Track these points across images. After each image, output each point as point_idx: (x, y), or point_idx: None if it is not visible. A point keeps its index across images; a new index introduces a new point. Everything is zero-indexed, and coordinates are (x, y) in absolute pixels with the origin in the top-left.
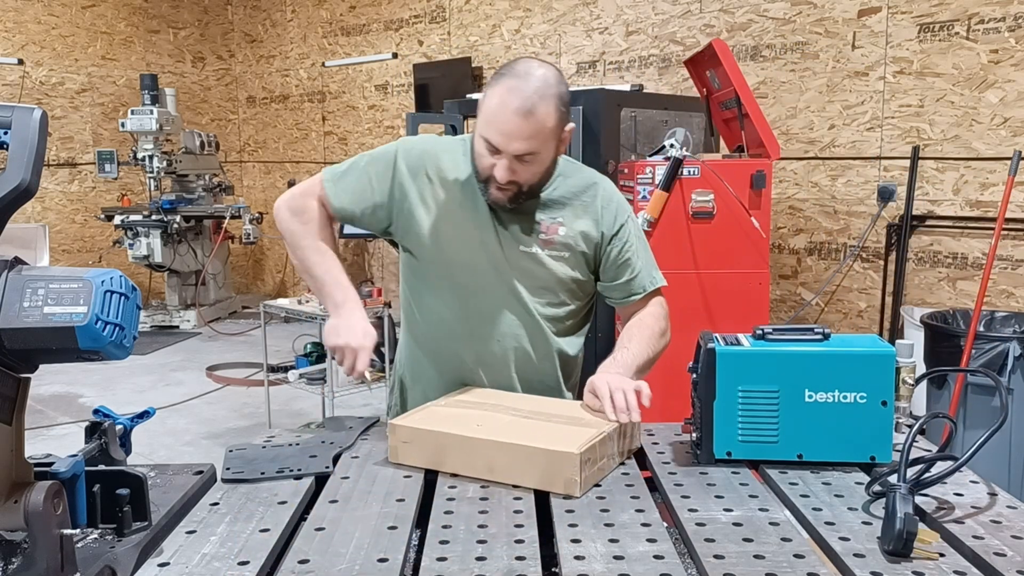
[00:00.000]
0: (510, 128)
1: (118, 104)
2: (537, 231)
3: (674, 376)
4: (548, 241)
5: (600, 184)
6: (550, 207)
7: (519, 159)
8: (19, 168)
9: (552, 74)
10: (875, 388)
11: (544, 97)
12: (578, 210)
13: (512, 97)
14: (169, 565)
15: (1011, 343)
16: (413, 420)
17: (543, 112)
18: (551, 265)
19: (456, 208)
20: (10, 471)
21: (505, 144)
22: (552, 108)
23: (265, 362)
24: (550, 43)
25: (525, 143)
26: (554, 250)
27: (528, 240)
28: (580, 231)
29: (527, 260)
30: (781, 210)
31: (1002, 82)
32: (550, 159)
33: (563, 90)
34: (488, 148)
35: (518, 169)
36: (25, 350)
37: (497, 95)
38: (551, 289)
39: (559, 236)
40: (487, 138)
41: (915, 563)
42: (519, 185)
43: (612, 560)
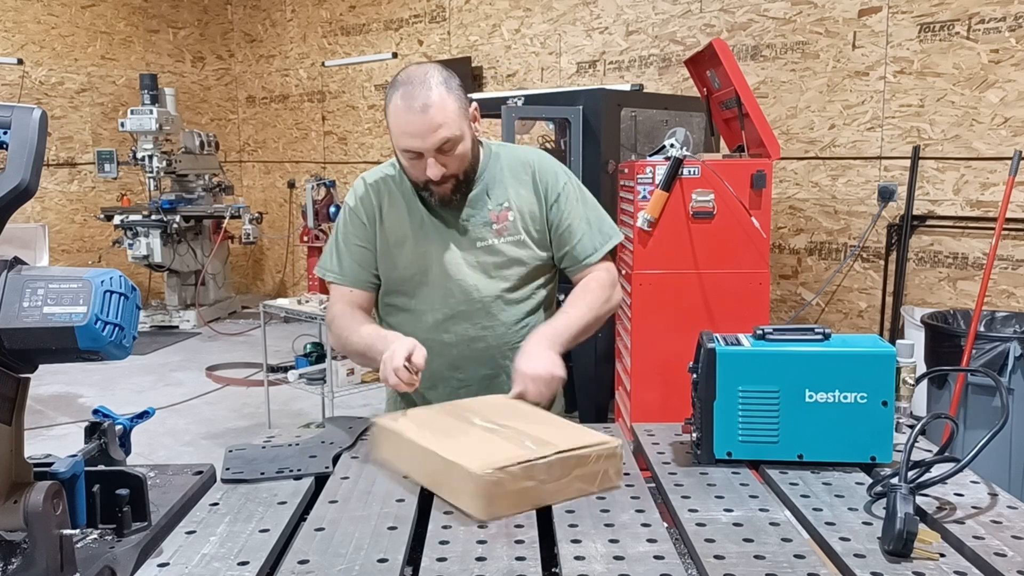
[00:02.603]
0: (417, 128)
1: (118, 104)
2: (488, 222)
3: (674, 376)
4: (501, 229)
5: (534, 157)
6: (494, 193)
7: (441, 152)
8: (19, 168)
9: (434, 68)
10: (875, 388)
11: (433, 88)
12: (520, 189)
13: (407, 102)
14: (169, 565)
15: (1011, 343)
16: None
17: (439, 101)
18: (507, 250)
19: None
20: (10, 471)
21: (421, 143)
22: (444, 92)
23: (265, 362)
24: (550, 43)
25: (436, 134)
26: (509, 235)
27: (483, 233)
28: (528, 211)
29: (486, 253)
30: (781, 210)
31: (1002, 82)
32: (469, 141)
33: (447, 75)
34: (411, 157)
35: (446, 161)
36: (25, 350)
37: (395, 108)
38: (511, 276)
39: (510, 220)
40: (405, 148)
41: (915, 563)
42: (455, 176)
43: (612, 560)
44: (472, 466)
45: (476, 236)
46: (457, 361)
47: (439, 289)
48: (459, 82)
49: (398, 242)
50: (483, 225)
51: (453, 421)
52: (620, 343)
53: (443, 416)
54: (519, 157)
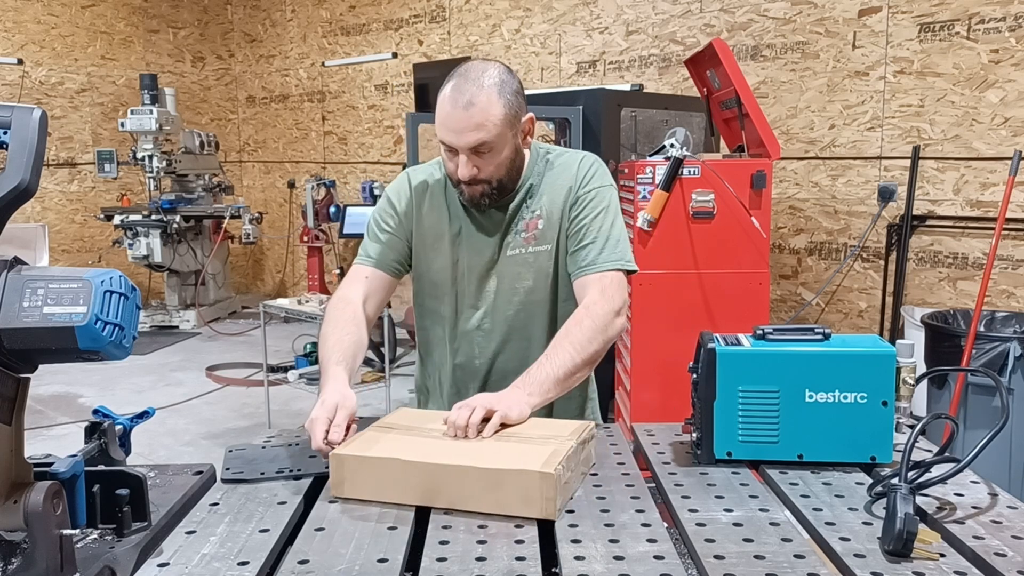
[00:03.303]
0: (456, 123)
1: (118, 104)
2: (519, 231)
3: (674, 376)
4: (529, 238)
5: (578, 159)
6: (531, 203)
7: (476, 153)
8: (19, 168)
9: (495, 68)
10: (875, 388)
11: (484, 88)
12: (555, 196)
13: (454, 95)
14: (169, 565)
15: (1011, 343)
16: (357, 448)
17: (484, 102)
18: (534, 260)
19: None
20: (10, 471)
21: (456, 140)
22: (494, 97)
23: (265, 362)
24: (550, 43)
25: (473, 134)
26: (537, 245)
27: (512, 242)
28: (557, 216)
29: (513, 263)
30: (781, 210)
31: (1002, 82)
32: (510, 151)
33: (507, 79)
34: (448, 150)
35: (478, 164)
36: (25, 350)
37: (443, 99)
38: (539, 288)
39: (539, 229)
40: (443, 140)
41: (915, 563)
42: (487, 181)
43: (612, 560)
44: (534, 467)
45: (508, 244)
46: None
47: (468, 296)
48: (517, 88)
49: (434, 244)
50: (515, 234)
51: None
52: (620, 343)
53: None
54: (562, 162)
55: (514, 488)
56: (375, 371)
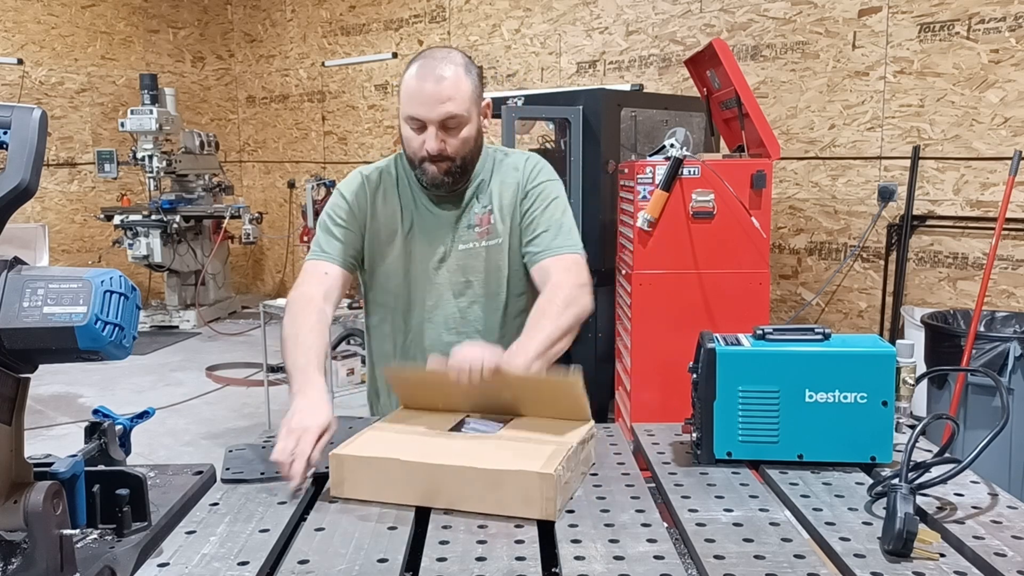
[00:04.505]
0: (427, 96)
1: (118, 104)
2: (472, 224)
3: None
4: (483, 232)
5: (526, 158)
6: (482, 197)
7: (445, 128)
8: (19, 168)
9: (456, 51)
10: (875, 388)
11: (452, 64)
12: (504, 191)
13: (423, 71)
14: (169, 565)
15: (1011, 343)
16: (357, 448)
17: (454, 75)
18: (490, 256)
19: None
20: (10, 471)
21: (428, 112)
22: (463, 73)
23: (265, 362)
24: (550, 43)
25: (444, 107)
26: (490, 239)
27: (467, 235)
28: (509, 211)
29: (467, 257)
30: (781, 210)
31: (1002, 82)
32: (475, 128)
33: (470, 62)
34: (415, 126)
35: (446, 138)
36: (25, 350)
37: (411, 76)
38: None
39: (491, 224)
40: (411, 115)
41: (915, 563)
42: (451, 159)
43: (612, 560)
44: (534, 467)
45: (460, 238)
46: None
47: (420, 290)
48: (479, 72)
49: (387, 238)
50: (467, 228)
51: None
52: (620, 343)
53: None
54: (510, 161)
55: (514, 488)
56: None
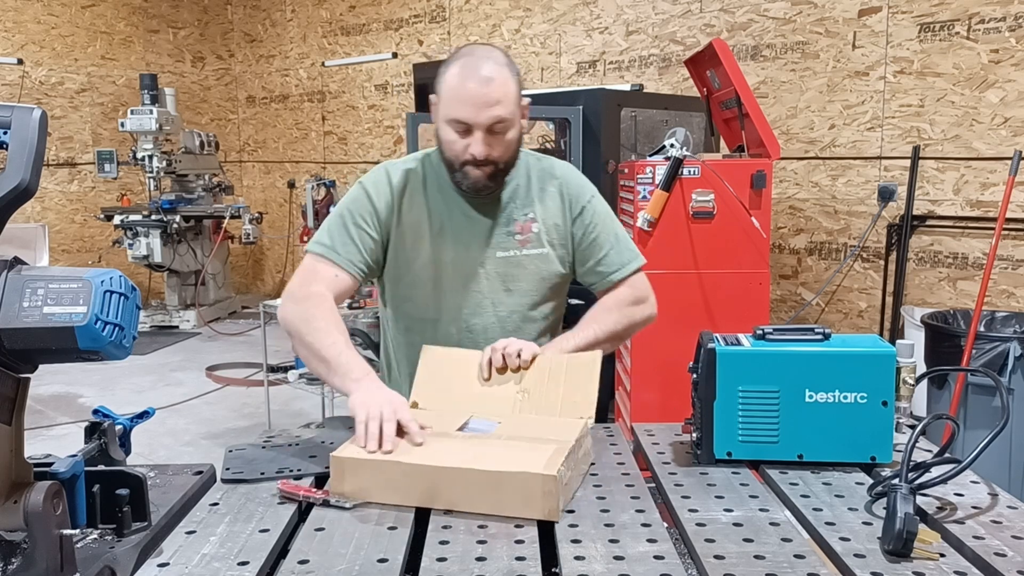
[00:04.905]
0: (475, 99)
1: (118, 104)
2: (512, 232)
3: (674, 376)
4: (525, 240)
5: (561, 169)
6: (520, 203)
7: (491, 132)
8: (19, 168)
9: (498, 50)
10: (875, 388)
11: (498, 65)
12: (547, 200)
13: (469, 71)
14: (169, 565)
15: (1011, 343)
16: (358, 450)
17: (502, 78)
18: (530, 263)
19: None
20: (10, 471)
21: (475, 115)
22: (509, 75)
23: (265, 362)
24: (550, 43)
25: (493, 110)
26: (532, 248)
27: (506, 242)
28: (553, 223)
29: (506, 264)
30: (781, 210)
31: (1002, 82)
32: (518, 131)
33: (511, 62)
34: (459, 129)
35: (492, 143)
36: (25, 350)
37: (455, 75)
38: (532, 291)
39: (534, 232)
40: (456, 118)
41: (915, 563)
42: (495, 163)
43: (612, 560)
44: (536, 468)
45: (498, 244)
46: None
47: (454, 297)
48: (519, 70)
49: (414, 243)
50: (507, 234)
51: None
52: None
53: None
54: (546, 167)
55: (516, 490)
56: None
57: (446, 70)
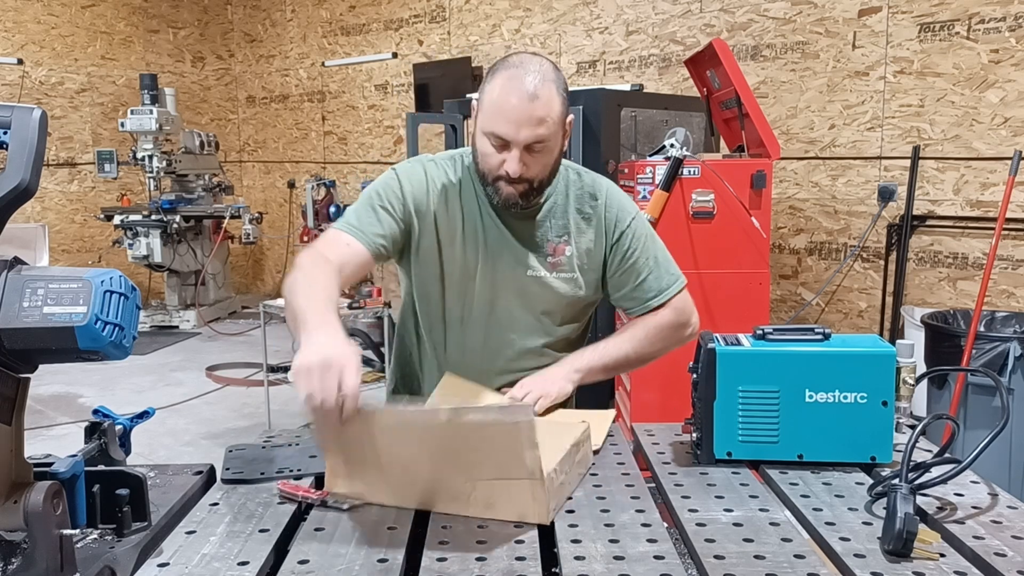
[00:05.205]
0: (517, 115)
1: (118, 104)
2: (544, 252)
3: (674, 376)
4: (556, 263)
5: (604, 187)
6: (556, 223)
7: (529, 150)
8: (19, 168)
9: (548, 62)
10: (876, 388)
11: (546, 81)
12: (582, 223)
13: (514, 84)
14: (169, 565)
15: (1011, 343)
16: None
17: (547, 96)
18: (558, 287)
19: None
20: (10, 471)
21: (514, 133)
22: (555, 93)
23: (265, 362)
24: (550, 43)
25: (534, 130)
26: (562, 272)
27: (535, 263)
28: (586, 248)
29: (534, 284)
30: (781, 210)
31: (1002, 82)
32: (557, 150)
33: (561, 77)
34: (496, 143)
35: (529, 162)
36: (25, 350)
37: (498, 86)
38: (556, 312)
39: (566, 256)
40: (494, 132)
41: (915, 563)
42: (530, 181)
43: (612, 560)
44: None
45: (528, 264)
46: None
47: (477, 310)
48: (566, 86)
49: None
50: (538, 254)
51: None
52: None
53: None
54: (587, 185)
55: (507, 496)
56: (375, 371)
57: (491, 79)
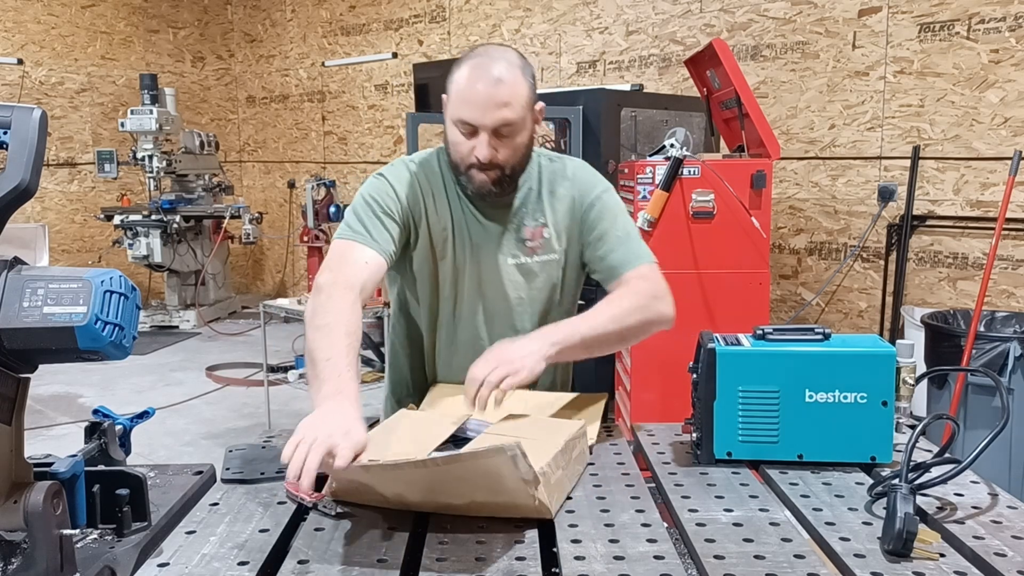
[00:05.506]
0: (482, 99)
1: (118, 104)
2: (522, 238)
3: (674, 376)
4: (535, 247)
5: (572, 169)
6: (531, 208)
7: (497, 135)
8: (19, 168)
9: (513, 51)
10: (875, 388)
11: (511, 67)
12: (556, 204)
13: (479, 71)
14: (169, 565)
15: (1011, 343)
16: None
17: (512, 80)
18: (541, 271)
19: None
20: (10, 471)
21: (481, 117)
22: (520, 77)
23: (265, 362)
24: (550, 43)
25: (500, 112)
26: (543, 254)
27: (517, 251)
28: (565, 226)
29: (517, 272)
30: (781, 210)
31: (1002, 82)
32: (527, 135)
33: (528, 65)
34: (465, 130)
35: (498, 146)
36: (25, 350)
37: (464, 75)
38: (544, 298)
39: (544, 238)
40: (461, 119)
41: (915, 563)
42: (501, 167)
43: (612, 560)
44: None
45: (509, 252)
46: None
47: (468, 304)
48: (533, 73)
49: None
50: (517, 241)
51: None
52: None
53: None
54: (557, 169)
55: (505, 496)
56: (375, 371)
57: (457, 69)
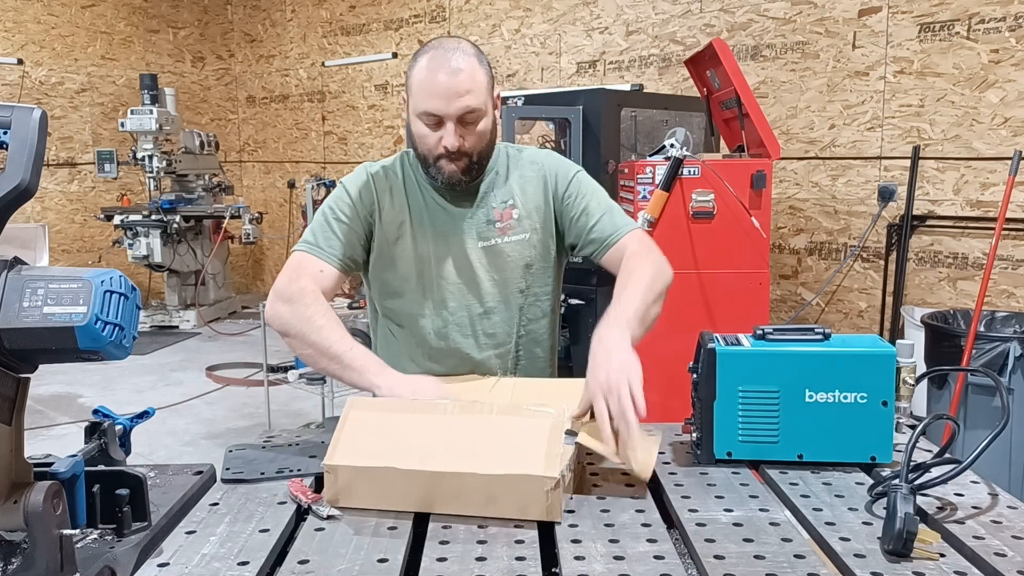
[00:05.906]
0: (444, 89)
1: (118, 104)
2: (491, 220)
3: (674, 376)
4: (505, 228)
5: (542, 155)
6: (499, 192)
7: (462, 123)
8: (19, 168)
9: (466, 41)
10: (876, 388)
11: (467, 56)
12: (525, 186)
13: (437, 63)
14: (169, 565)
15: (1012, 343)
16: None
17: (470, 67)
18: (512, 250)
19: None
20: (10, 471)
21: (445, 107)
22: (477, 64)
23: (265, 362)
24: (550, 43)
25: (463, 100)
26: (513, 234)
27: (486, 232)
28: (535, 206)
29: (488, 254)
30: (781, 210)
31: (1003, 82)
32: (490, 121)
33: (480, 52)
34: (430, 122)
35: (464, 134)
36: (25, 350)
37: (423, 68)
38: (517, 279)
39: (514, 219)
40: (426, 111)
41: (915, 563)
42: (469, 155)
43: (612, 560)
44: (537, 471)
45: (479, 235)
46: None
47: (439, 292)
48: (488, 60)
49: (396, 240)
50: (486, 224)
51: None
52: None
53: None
54: (525, 156)
55: (517, 493)
56: None
57: (414, 64)
